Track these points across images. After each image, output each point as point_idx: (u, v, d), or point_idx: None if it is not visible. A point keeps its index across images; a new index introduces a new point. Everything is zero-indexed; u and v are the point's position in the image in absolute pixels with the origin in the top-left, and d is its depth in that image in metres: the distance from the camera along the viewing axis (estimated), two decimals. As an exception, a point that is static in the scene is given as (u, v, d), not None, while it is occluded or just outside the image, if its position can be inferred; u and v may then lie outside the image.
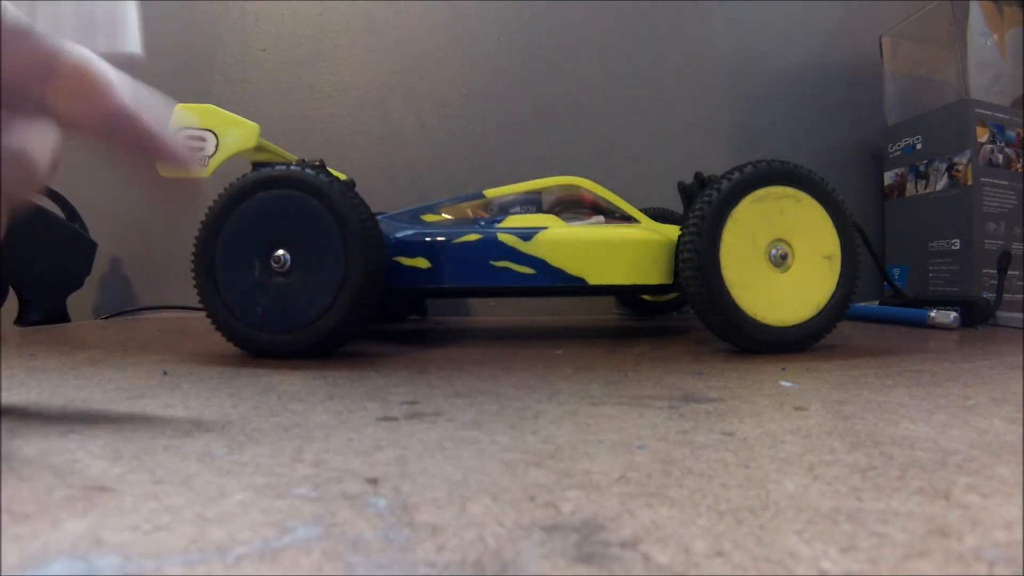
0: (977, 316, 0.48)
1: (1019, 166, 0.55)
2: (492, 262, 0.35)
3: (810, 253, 0.32)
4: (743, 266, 0.32)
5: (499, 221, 0.38)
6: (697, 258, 0.31)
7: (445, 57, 0.67)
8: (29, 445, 0.15)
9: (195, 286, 0.31)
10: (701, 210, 0.32)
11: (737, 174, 0.32)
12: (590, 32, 0.67)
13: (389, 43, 0.67)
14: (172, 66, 0.68)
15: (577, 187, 0.42)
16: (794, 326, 0.32)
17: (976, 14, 0.54)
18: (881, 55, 0.64)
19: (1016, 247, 0.54)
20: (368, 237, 0.30)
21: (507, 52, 0.67)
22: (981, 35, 0.55)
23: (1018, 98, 0.56)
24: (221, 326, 0.31)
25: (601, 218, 0.40)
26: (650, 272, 0.36)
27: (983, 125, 0.54)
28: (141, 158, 0.19)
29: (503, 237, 0.35)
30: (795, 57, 0.68)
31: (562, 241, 0.35)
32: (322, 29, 0.67)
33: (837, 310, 0.32)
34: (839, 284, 0.32)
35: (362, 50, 0.67)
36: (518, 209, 0.41)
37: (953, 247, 0.56)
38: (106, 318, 0.63)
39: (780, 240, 0.32)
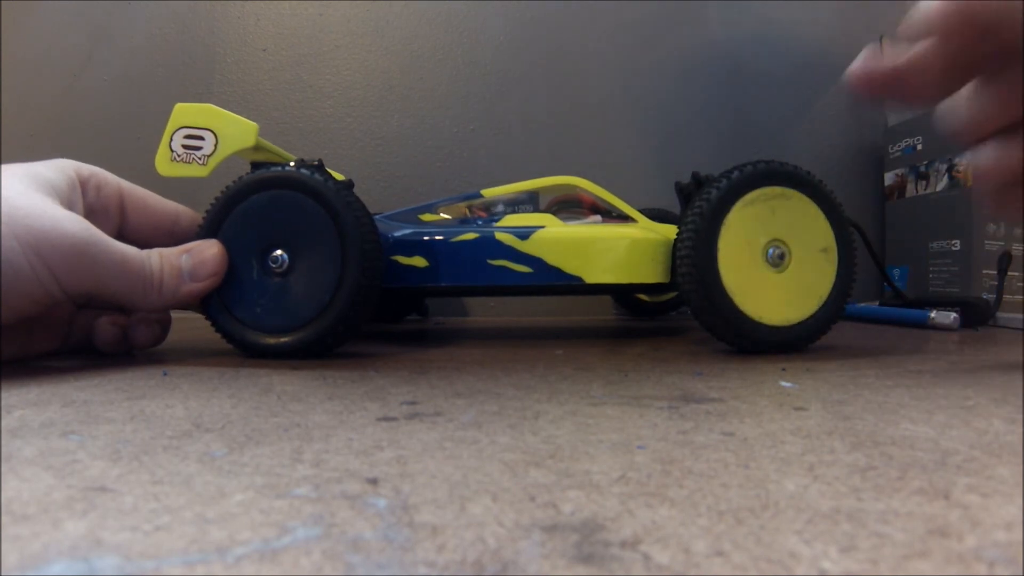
0: (977, 317, 0.48)
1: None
2: (489, 261, 0.35)
3: (806, 248, 0.32)
4: (741, 266, 0.32)
5: (497, 220, 0.38)
6: (694, 254, 0.31)
7: (445, 57, 0.67)
8: (29, 445, 0.15)
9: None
10: (700, 207, 0.32)
11: (736, 173, 0.32)
12: (589, 32, 0.67)
13: (389, 43, 0.67)
14: (172, 65, 0.68)
15: (575, 187, 0.42)
16: (797, 324, 0.32)
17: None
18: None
19: (1016, 248, 0.54)
20: (365, 236, 0.30)
21: (506, 53, 0.67)
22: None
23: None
24: (219, 327, 0.31)
25: (598, 217, 0.40)
26: (647, 271, 0.36)
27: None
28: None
29: (500, 236, 0.35)
30: (795, 57, 0.68)
31: (559, 240, 0.35)
32: (322, 29, 0.67)
33: (838, 302, 0.32)
34: (838, 275, 0.33)
35: (362, 50, 0.67)
36: (516, 208, 0.41)
37: (953, 248, 0.56)
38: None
39: (776, 240, 0.32)
